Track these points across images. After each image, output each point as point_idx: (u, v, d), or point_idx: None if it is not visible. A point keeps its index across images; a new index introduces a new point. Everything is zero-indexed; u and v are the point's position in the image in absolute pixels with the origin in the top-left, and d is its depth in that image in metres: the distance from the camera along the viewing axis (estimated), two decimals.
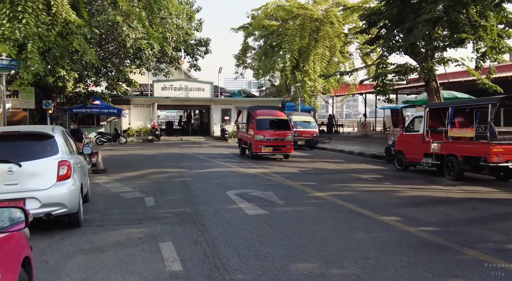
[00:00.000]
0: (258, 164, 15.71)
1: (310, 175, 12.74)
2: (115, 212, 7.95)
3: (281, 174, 12.81)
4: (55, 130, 7.06)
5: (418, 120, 13.35)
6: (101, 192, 10.21)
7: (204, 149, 23.49)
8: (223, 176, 12.41)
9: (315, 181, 11.38)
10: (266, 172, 13.17)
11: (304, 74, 23.55)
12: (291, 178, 11.81)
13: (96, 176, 12.96)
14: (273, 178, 11.93)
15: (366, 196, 9.19)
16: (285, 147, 17.20)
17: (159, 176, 12.64)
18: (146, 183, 11.40)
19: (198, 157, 18.48)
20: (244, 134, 18.84)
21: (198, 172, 13.37)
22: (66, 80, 22.41)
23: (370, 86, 32.06)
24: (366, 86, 33.27)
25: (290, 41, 23.07)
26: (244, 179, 11.78)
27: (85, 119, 30.08)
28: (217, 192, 9.80)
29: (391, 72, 15.78)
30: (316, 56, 23.86)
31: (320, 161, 17.03)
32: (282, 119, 17.81)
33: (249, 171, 13.52)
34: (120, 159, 18.35)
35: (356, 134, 35.12)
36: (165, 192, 10.00)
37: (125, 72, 25.38)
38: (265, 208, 7.83)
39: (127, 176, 12.78)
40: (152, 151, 22.23)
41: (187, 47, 26.77)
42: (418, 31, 14.36)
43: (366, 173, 13.24)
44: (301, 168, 14.39)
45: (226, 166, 14.97)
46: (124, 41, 23.37)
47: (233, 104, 33.99)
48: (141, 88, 36.26)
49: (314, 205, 8.14)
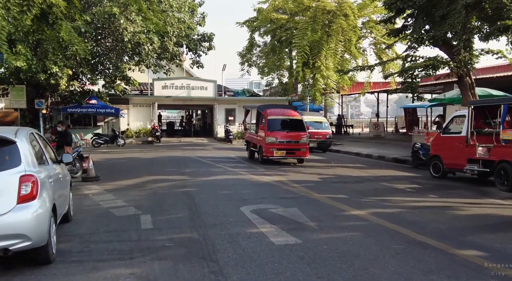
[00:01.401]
0: (270, 169, 13.92)
1: (335, 184, 10.93)
2: (101, 237, 6.16)
3: (300, 182, 11.01)
4: (18, 134, 5.28)
5: (458, 120, 11.53)
6: (88, 207, 8.44)
7: (208, 151, 21.72)
8: (234, 186, 10.62)
9: (345, 192, 9.57)
10: (282, 180, 11.37)
11: (316, 71, 21.76)
12: (314, 189, 10.01)
13: (86, 185, 11.20)
14: (293, 189, 10.13)
15: (418, 215, 7.37)
16: (299, 150, 15.40)
17: (159, 185, 10.86)
18: (143, 195, 9.62)
19: (202, 161, 16.70)
20: (253, 136, 17.06)
21: (203, 180, 11.58)
22: (59, 78, 20.66)
23: (384, 84, 30.29)
24: (378, 85, 31.53)
25: (301, 35, 21.30)
26: (258, 190, 9.99)
27: (81, 120, 28.37)
28: (228, 207, 8.01)
29: (421, 66, 13.94)
30: (329, 52, 22.08)
31: (339, 166, 15.23)
32: (296, 120, 16.01)
33: (262, 179, 11.73)
34: (116, 163, 16.58)
35: (367, 135, 33.29)
36: (166, 207, 8.22)
37: (122, 69, 23.60)
38: (295, 234, 6.04)
39: (122, 185, 11.00)
40: (151, 153, 20.46)
41: (190, 42, 24.96)
42: (454, 19, 12.56)
43: (398, 181, 11.43)
44: (321, 175, 12.58)
45: (235, 173, 13.18)
46: (121, 35, 21.59)
47: (237, 104, 32.25)
48: (140, 87, 34.52)
49: (357, 229, 6.34)
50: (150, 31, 22.42)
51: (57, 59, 20.62)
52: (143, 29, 22.26)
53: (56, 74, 20.45)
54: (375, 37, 24.15)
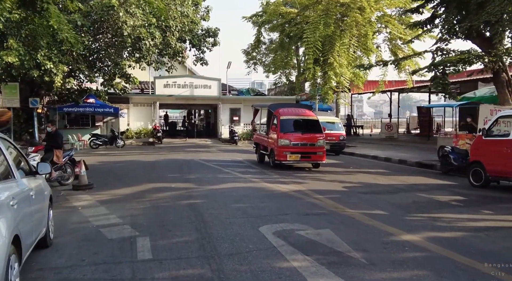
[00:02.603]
0: (285, 176, 12.44)
1: (364, 195, 9.43)
2: (85, 273, 4.70)
3: (323, 193, 9.53)
4: None
5: (506, 121, 10.03)
6: (75, 226, 6.98)
7: (212, 153, 20.26)
8: (247, 197, 9.15)
9: (381, 206, 8.08)
10: (302, 190, 9.89)
11: (328, 68, 20.28)
12: (343, 201, 8.53)
13: (77, 195, 9.76)
14: (317, 201, 8.65)
15: (486, 240, 5.87)
16: (315, 154, 13.91)
17: (160, 196, 9.41)
18: (141, 208, 8.16)
19: (208, 165, 15.24)
20: (264, 138, 15.58)
21: (211, 189, 10.12)
22: (53, 74, 19.23)
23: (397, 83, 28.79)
24: (391, 84, 30.04)
25: (312, 30, 19.82)
26: (277, 202, 8.50)
27: (78, 120, 26.93)
28: (245, 227, 6.54)
29: (455, 60, 12.41)
30: (342, 47, 20.60)
31: (360, 171, 13.75)
32: (311, 120, 14.53)
33: (278, 188, 10.25)
34: (113, 167, 15.14)
35: (378, 136, 31.78)
36: (168, 226, 6.75)
37: (122, 65, 22.14)
38: (339, 272, 4.57)
39: (117, 195, 9.56)
40: (152, 156, 19.01)
41: (193, 37, 23.48)
42: (495, 6, 11.07)
43: (436, 191, 9.95)
44: (344, 183, 11.08)
45: (246, 180, 11.70)
46: (120, 29, 20.14)
47: (242, 103, 30.80)
48: (141, 86, 33.09)
49: (420, 265, 4.84)
50: (151, 25, 20.99)
51: (52, 54, 19.22)
52: (144, 22, 20.82)
53: (50, 70, 19.05)
54: (390, 32, 22.66)
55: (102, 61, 23.90)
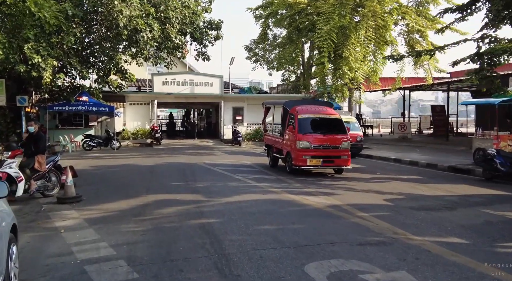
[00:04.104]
0: (308, 183, 10.66)
1: (418, 212, 7.59)
2: None
3: (366, 208, 7.73)
4: None
5: None
6: (52, 261, 5.17)
7: (217, 156, 18.47)
8: (272, 214, 7.35)
9: (452, 230, 6.26)
10: (337, 205, 8.09)
11: (343, 62, 18.52)
12: (398, 222, 6.72)
13: (61, 211, 7.96)
14: (365, 222, 6.83)
15: None
16: (339, 157, 12.13)
17: (163, 212, 7.60)
18: (141, 232, 6.36)
19: (214, 171, 13.45)
20: (277, 140, 13.80)
21: (225, 203, 8.32)
22: (41, 69, 17.35)
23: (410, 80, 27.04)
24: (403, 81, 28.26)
25: (325, 21, 18.06)
26: (314, 223, 6.70)
27: (71, 119, 25.05)
28: (285, 266, 4.74)
29: (507, 48, 10.66)
30: (358, 40, 18.87)
31: (391, 177, 11.99)
32: (333, 119, 12.76)
33: (307, 201, 8.44)
34: (107, 173, 13.31)
35: (390, 137, 30.03)
36: (179, 262, 4.96)
37: (117, 60, 20.28)
38: None
39: (111, 211, 7.76)
40: (151, 159, 17.20)
41: (195, 30, 21.63)
42: None
43: (498, 205, 8.20)
44: (383, 194, 9.29)
45: (263, 189, 9.90)
46: (116, 19, 18.27)
47: (246, 102, 28.99)
48: (138, 83, 31.23)
49: None
50: (149, 15, 19.14)
51: (40, 47, 17.37)
52: (141, 12, 18.97)
53: (38, 65, 17.18)
54: (407, 24, 20.94)
55: (96, 56, 22.04)
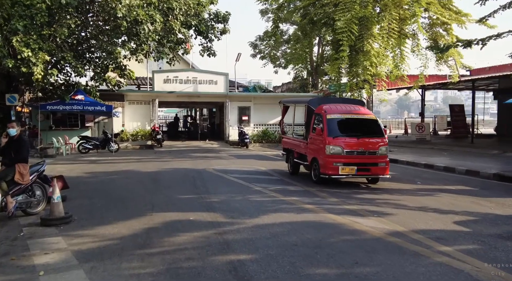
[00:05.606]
0: (344, 197, 8.89)
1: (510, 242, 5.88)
2: None
3: (442, 238, 5.91)
4: None
5: None
6: None
7: (225, 160, 16.72)
8: (321, 248, 5.58)
9: None
10: (400, 232, 6.28)
11: (364, 57, 16.82)
12: (501, 261, 4.99)
13: (44, 238, 6.21)
14: (459, 263, 5.02)
15: None
16: (376, 165, 10.35)
17: (175, 242, 5.84)
18: (149, 277, 4.58)
19: (228, 179, 11.69)
20: (299, 143, 12.04)
21: (253, 227, 6.54)
22: (32, 64, 15.60)
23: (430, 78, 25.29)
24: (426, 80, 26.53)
25: (345, 10, 16.37)
26: (386, 264, 4.91)
27: (65, 120, 23.30)
28: None
29: None
30: (381, 32, 17.18)
31: (437, 189, 10.24)
32: (368, 119, 10.99)
33: (358, 226, 6.62)
34: (104, 181, 11.52)
35: (404, 138, 28.33)
36: None
37: (116, 54, 18.49)
38: None
39: (108, 239, 5.99)
40: (153, 164, 15.44)
41: (200, 23, 19.86)
42: None
43: None
44: (447, 214, 7.46)
45: (294, 206, 8.12)
46: (114, 10, 16.51)
47: (252, 101, 27.29)
48: (137, 81, 29.49)
49: None
50: (151, 5, 17.37)
51: (30, 40, 15.60)
52: (142, 2, 17.22)
53: (28, 59, 15.45)
54: (430, 17, 19.27)
55: (93, 51, 20.26)
